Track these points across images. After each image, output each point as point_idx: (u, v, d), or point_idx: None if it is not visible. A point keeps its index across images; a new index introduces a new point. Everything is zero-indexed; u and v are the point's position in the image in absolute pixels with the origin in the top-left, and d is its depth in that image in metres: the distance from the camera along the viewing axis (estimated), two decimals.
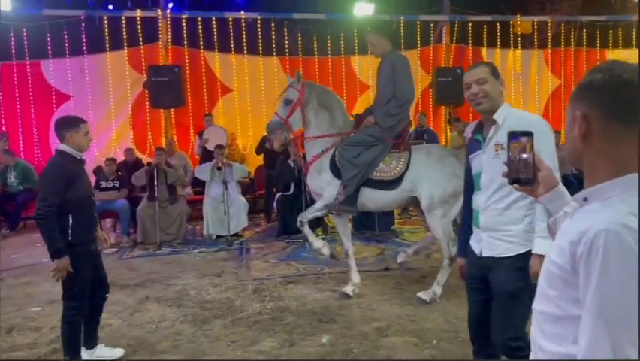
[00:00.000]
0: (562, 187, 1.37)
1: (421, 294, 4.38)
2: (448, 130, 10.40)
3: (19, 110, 8.97)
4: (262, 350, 3.56)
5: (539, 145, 2.04)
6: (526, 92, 10.92)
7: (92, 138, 3.58)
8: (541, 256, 2.04)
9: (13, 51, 8.90)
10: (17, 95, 8.94)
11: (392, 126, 4.39)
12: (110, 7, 9.26)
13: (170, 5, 9.45)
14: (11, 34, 8.82)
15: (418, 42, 10.43)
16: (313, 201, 5.57)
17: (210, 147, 7.85)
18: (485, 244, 2.37)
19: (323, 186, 4.46)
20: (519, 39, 10.87)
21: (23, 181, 8.15)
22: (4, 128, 8.67)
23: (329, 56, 10.15)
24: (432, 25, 10.54)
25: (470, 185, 2.51)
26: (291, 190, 7.20)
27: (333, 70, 10.16)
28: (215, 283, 5.14)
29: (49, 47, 9.01)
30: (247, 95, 9.61)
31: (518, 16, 10.74)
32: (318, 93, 4.54)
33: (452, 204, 4.28)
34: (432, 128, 9.53)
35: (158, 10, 9.34)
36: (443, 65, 10.41)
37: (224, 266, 5.79)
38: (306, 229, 4.54)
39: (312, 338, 3.72)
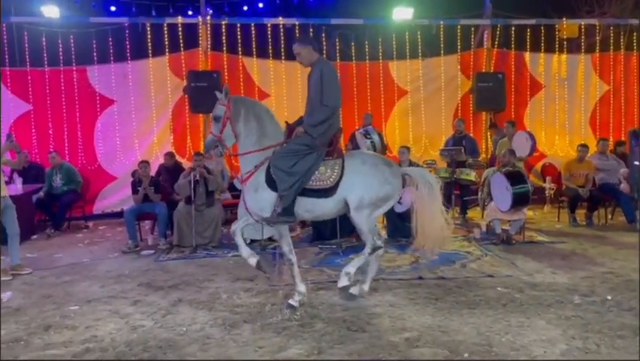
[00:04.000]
0: None
1: (352, 290, 4.45)
2: (489, 136, 10.16)
3: (65, 115, 9.31)
4: (289, 357, 3.53)
5: None
6: (572, 98, 10.55)
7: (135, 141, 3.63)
8: None
9: (61, 57, 9.25)
10: (64, 99, 9.29)
11: (322, 134, 4.36)
12: (153, 14, 9.50)
13: (210, 12, 9.60)
14: (59, 42, 9.18)
15: (459, 47, 10.24)
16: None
17: None
18: None
19: (262, 205, 4.37)
20: (565, 43, 10.52)
21: (68, 183, 8.44)
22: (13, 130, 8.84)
23: (367, 61, 10.09)
24: (473, 29, 10.34)
25: None
26: None
27: (371, 75, 10.09)
28: (247, 287, 5.15)
29: (94, 54, 9.34)
30: (284, 101, 9.65)
31: (564, 19, 10.39)
32: (245, 105, 4.53)
33: (380, 206, 4.39)
34: (471, 134, 9.32)
35: (199, 16, 9.53)
36: (484, 70, 10.18)
37: (257, 271, 5.77)
38: (238, 240, 4.51)
39: (340, 346, 3.66)
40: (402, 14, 10.07)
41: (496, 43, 10.35)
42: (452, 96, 10.31)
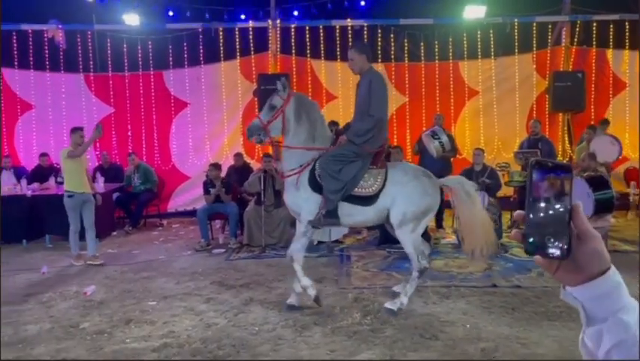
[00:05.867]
0: (616, 276, 0.78)
1: (388, 304, 4.35)
2: (566, 139, 9.67)
3: (143, 117, 9.76)
4: None
5: None
6: None
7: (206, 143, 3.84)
8: None
9: (140, 62, 9.69)
10: (142, 103, 9.73)
11: (366, 142, 4.38)
12: (225, 18, 9.75)
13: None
14: (138, 48, 9.63)
15: (534, 45, 9.81)
16: None
17: None
18: None
19: (300, 203, 4.46)
20: None
21: (145, 182, 8.84)
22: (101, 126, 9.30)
23: (436, 61, 9.88)
24: (550, 26, 9.87)
25: None
26: None
27: (441, 75, 9.86)
28: (316, 288, 5.16)
29: (170, 58, 9.71)
30: (351, 103, 9.51)
31: None
32: (303, 105, 4.57)
33: (421, 220, 4.39)
34: (547, 136, 8.90)
35: (269, 20, 9.69)
36: (562, 69, 9.70)
37: (325, 272, 5.82)
38: (297, 266, 4.49)
39: (414, 353, 3.60)
40: (474, 13, 9.76)
41: (576, 40, 9.83)
42: (527, 96, 9.89)
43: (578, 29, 9.79)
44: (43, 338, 4.07)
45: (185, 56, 9.69)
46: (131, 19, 9.72)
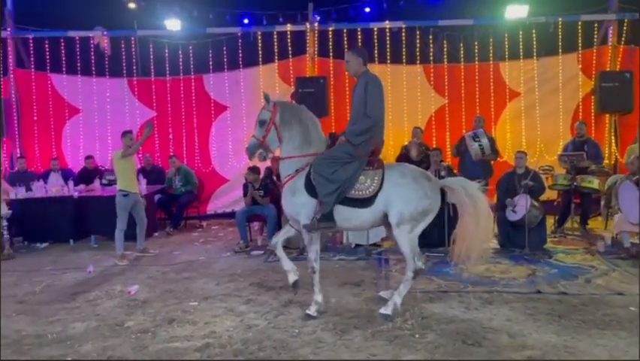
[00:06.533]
0: None
1: (382, 309, 4.33)
2: (612, 141, 9.34)
3: (183, 120, 9.95)
4: None
5: None
6: None
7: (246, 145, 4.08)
8: None
9: (181, 67, 9.90)
10: (183, 106, 9.93)
11: (363, 142, 4.34)
12: (264, 22, 9.85)
13: (318, 18, 9.76)
14: (179, 52, 9.83)
15: (579, 44, 9.52)
16: (456, 214, 5.37)
17: None
18: None
19: (299, 209, 4.41)
20: None
21: (185, 184, 9.01)
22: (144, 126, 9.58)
23: (476, 62, 9.70)
24: (596, 25, 9.56)
25: None
26: None
27: (480, 77, 9.68)
28: (354, 292, 5.15)
29: (210, 63, 9.88)
30: (389, 104, 9.47)
31: None
32: (290, 111, 4.55)
33: (420, 221, 4.34)
34: (593, 138, 8.62)
35: (307, 23, 9.73)
36: (608, 69, 9.38)
37: (363, 276, 5.79)
38: (279, 252, 4.63)
39: (456, 359, 3.53)
40: (516, 12, 9.55)
41: (623, 39, 9.48)
42: (571, 97, 9.60)
43: (625, 28, 9.45)
44: (90, 336, 4.19)
45: (225, 60, 9.84)
46: (173, 24, 9.93)
